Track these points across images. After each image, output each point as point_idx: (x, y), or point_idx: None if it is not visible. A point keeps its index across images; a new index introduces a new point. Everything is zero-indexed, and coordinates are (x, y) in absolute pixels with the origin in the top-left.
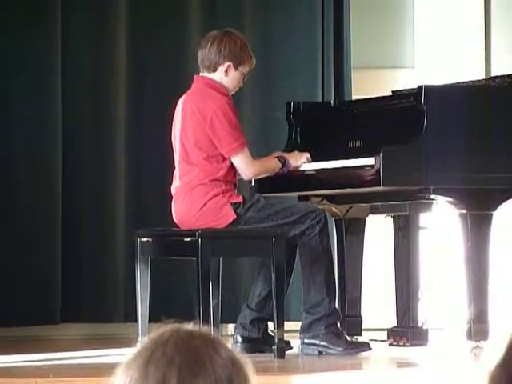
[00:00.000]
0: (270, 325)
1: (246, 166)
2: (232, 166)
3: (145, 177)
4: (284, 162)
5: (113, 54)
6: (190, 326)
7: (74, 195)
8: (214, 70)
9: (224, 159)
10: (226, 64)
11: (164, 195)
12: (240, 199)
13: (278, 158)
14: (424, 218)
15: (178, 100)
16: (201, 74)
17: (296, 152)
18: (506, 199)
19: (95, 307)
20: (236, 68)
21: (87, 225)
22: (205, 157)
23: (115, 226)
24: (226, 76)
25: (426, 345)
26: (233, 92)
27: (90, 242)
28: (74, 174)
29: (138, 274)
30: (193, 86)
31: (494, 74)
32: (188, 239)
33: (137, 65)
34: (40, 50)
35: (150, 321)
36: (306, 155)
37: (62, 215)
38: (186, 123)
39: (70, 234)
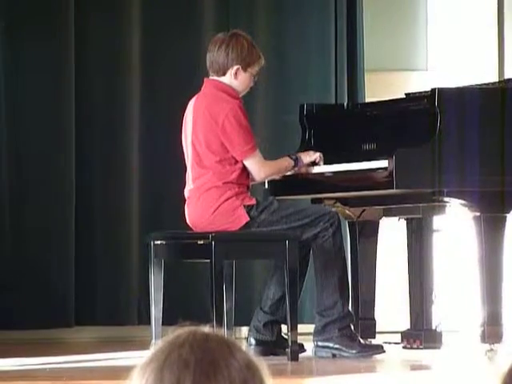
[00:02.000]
0: (284, 327)
1: (258, 168)
2: (245, 168)
3: (158, 179)
4: (296, 159)
5: (126, 55)
6: (206, 329)
7: (87, 198)
8: (224, 74)
9: (236, 162)
10: (235, 67)
11: (177, 198)
12: (253, 202)
13: (289, 155)
14: (437, 221)
15: (189, 101)
16: (210, 77)
17: (309, 151)
18: None
19: (109, 310)
20: (245, 70)
21: (101, 228)
22: (217, 160)
23: (129, 228)
24: (235, 79)
25: (439, 347)
26: (243, 93)
27: (104, 245)
28: (88, 177)
29: (152, 277)
30: (203, 88)
31: (507, 76)
32: (201, 242)
33: (150, 66)
34: (53, 50)
35: (163, 323)
36: (319, 153)
37: (75, 218)
38: (197, 127)
39: (83, 236)
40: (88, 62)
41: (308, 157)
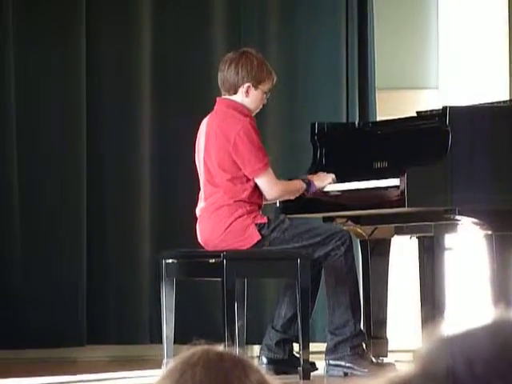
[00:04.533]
0: (296, 346)
1: (269, 187)
2: (257, 187)
3: (170, 198)
4: (309, 183)
5: (138, 75)
6: (220, 348)
7: (99, 217)
8: (235, 92)
9: (248, 180)
10: (246, 85)
11: (189, 216)
12: (265, 220)
13: (302, 179)
14: (449, 239)
15: (202, 120)
16: (222, 96)
17: (320, 173)
18: None
19: (121, 329)
20: (256, 87)
21: (112, 246)
22: (229, 178)
23: (140, 247)
24: (247, 97)
25: None
26: (256, 111)
27: (116, 263)
28: (99, 196)
29: (163, 296)
30: (215, 107)
31: None
32: (213, 260)
33: (162, 84)
34: (64, 63)
35: (175, 342)
36: (332, 176)
37: (87, 236)
38: (209, 145)
39: (95, 256)
40: (99, 81)
41: (321, 182)
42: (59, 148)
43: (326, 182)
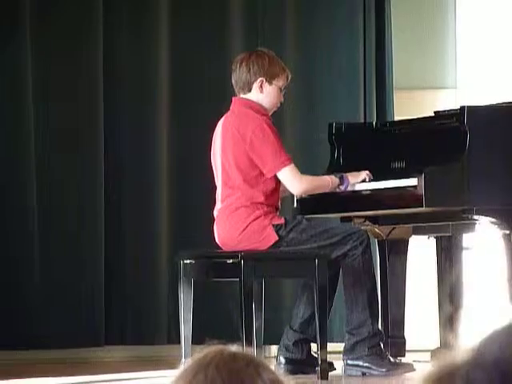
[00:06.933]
0: (313, 346)
1: (292, 181)
2: (274, 188)
3: (187, 199)
4: (341, 177)
5: (155, 78)
6: (234, 348)
7: (116, 218)
8: (249, 90)
9: (265, 181)
10: (259, 80)
11: (207, 217)
12: (282, 221)
13: (334, 175)
14: (467, 239)
15: (218, 121)
16: (238, 96)
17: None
18: None
19: (139, 329)
20: (270, 82)
21: (130, 247)
22: (245, 179)
23: (158, 248)
24: (261, 93)
25: None
26: (274, 109)
27: (134, 264)
28: (117, 197)
29: (181, 296)
30: (231, 107)
31: None
32: (231, 261)
33: (179, 88)
34: (81, 73)
35: (193, 342)
36: (366, 172)
37: (104, 238)
38: (226, 146)
39: (113, 256)
40: (116, 83)
41: (355, 178)
42: (77, 148)
43: (360, 178)
